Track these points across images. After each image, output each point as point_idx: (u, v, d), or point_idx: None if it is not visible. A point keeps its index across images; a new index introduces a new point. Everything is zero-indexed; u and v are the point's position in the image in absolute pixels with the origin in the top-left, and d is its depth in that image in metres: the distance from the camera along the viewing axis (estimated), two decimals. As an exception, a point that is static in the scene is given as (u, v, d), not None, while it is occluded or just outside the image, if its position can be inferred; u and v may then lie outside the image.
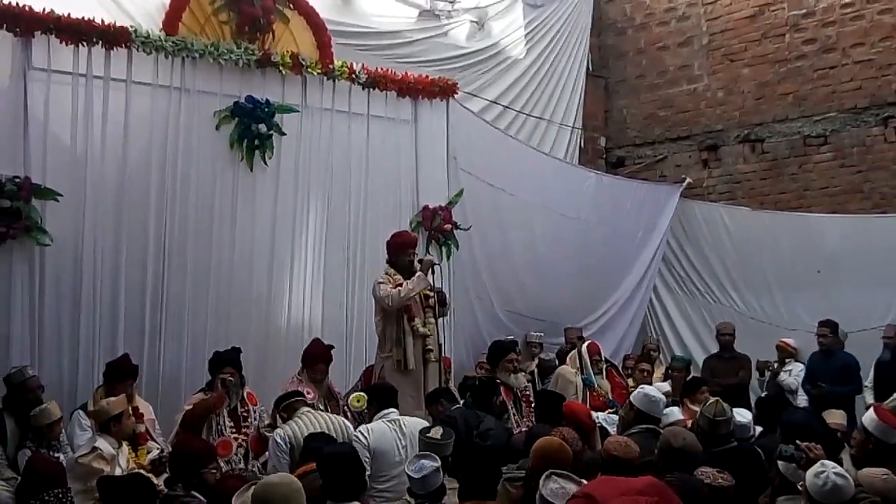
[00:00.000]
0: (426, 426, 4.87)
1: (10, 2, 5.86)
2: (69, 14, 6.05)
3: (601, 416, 6.20)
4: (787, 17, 9.64)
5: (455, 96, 8.09)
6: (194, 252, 6.62)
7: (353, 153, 7.48)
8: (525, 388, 6.64)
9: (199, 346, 6.45)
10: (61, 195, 5.99)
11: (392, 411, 5.07)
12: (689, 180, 10.22)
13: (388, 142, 7.68)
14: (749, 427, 5.14)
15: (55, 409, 5.18)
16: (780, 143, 9.73)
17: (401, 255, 6.30)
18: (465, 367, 7.85)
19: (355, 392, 6.18)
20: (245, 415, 5.59)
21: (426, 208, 7.76)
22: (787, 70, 9.65)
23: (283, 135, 7.04)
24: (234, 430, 5.47)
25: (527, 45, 9.82)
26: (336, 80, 7.31)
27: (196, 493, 4.02)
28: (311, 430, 4.79)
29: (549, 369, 7.85)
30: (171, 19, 6.57)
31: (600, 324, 9.47)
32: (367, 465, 4.65)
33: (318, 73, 7.17)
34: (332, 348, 6.17)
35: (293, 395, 5.25)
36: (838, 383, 7.35)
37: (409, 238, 6.62)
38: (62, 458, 4.94)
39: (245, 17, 6.83)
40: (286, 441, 4.80)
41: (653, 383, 7.16)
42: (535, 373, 8.00)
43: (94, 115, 6.21)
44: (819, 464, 3.67)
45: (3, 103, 5.90)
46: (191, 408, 5.34)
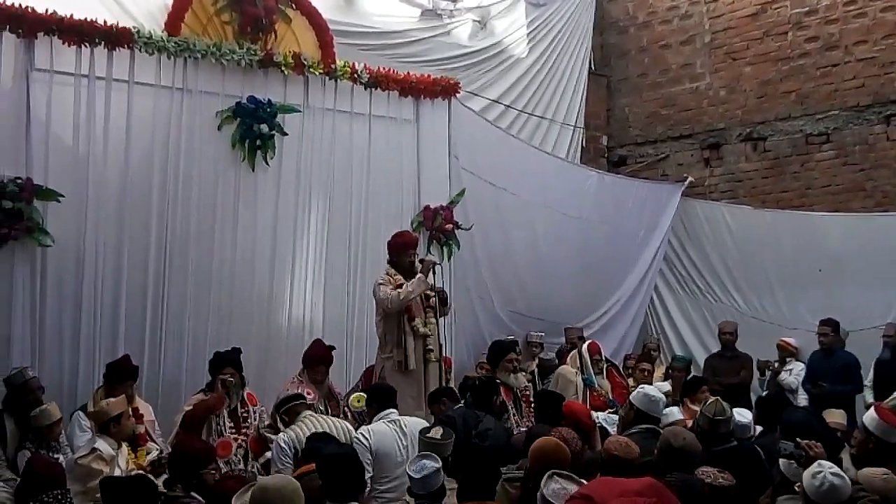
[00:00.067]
0: (426, 426, 4.87)
1: (12, 3, 5.88)
2: (72, 15, 6.07)
3: (601, 416, 6.20)
4: (789, 14, 9.60)
5: (457, 96, 8.08)
6: (196, 252, 6.63)
7: (355, 153, 7.48)
8: (525, 388, 6.64)
9: (199, 346, 6.47)
10: (63, 196, 6.01)
11: (392, 412, 5.07)
12: (690, 179, 10.19)
13: (390, 142, 7.68)
14: (749, 427, 5.14)
15: (55, 410, 5.20)
16: (783, 142, 9.69)
17: (402, 255, 6.31)
18: (465, 367, 7.83)
19: (356, 392, 6.20)
20: (245, 415, 5.60)
21: (427, 208, 7.77)
22: (789, 68, 9.61)
23: (285, 135, 7.05)
24: (233, 430, 5.48)
25: (529, 44, 9.79)
26: (338, 80, 7.32)
27: (195, 494, 4.03)
28: (314, 434, 4.79)
29: (550, 369, 7.85)
30: (174, 20, 6.58)
31: (601, 323, 9.46)
32: (369, 467, 4.66)
33: (320, 73, 7.18)
34: (333, 349, 6.19)
35: (294, 398, 5.25)
36: (839, 382, 7.33)
37: (411, 238, 6.63)
38: (62, 459, 4.95)
39: (247, 18, 6.84)
40: (290, 446, 4.81)
41: (653, 383, 7.15)
42: (536, 373, 8.00)
43: (96, 115, 6.23)
44: (816, 464, 3.68)
45: (6, 104, 5.92)
46: (191, 408, 5.35)
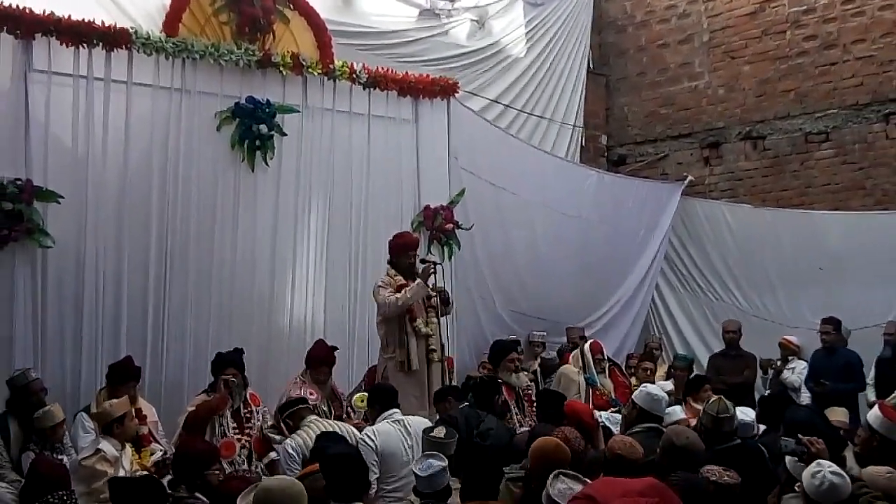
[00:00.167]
0: (429, 425, 4.87)
1: (10, 4, 5.85)
2: (69, 16, 6.05)
3: (604, 416, 6.18)
4: (787, 13, 9.61)
5: (456, 95, 8.07)
6: (196, 253, 6.61)
7: (354, 153, 7.47)
8: (527, 387, 6.63)
9: (201, 347, 6.45)
10: (63, 197, 5.99)
11: (395, 412, 5.07)
12: (690, 178, 10.19)
13: (389, 141, 7.67)
14: (752, 426, 5.14)
15: (58, 411, 5.18)
16: (782, 140, 9.70)
17: (402, 256, 6.31)
18: (467, 367, 7.84)
19: (359, 392, 6.19)
20: (248, 416, 5.59)
21: (427, 208, 7.76)
22: (787, 67, 9.61)
23: (284, 135, 7.03)
24: (237, 431, 5.47)
25: (527, 43, 9.78)
26: (337, 80, 7.30)
27: (199, 495, 4.03)
28: (321, 440, 4.78)
29: (552, 368, 7.83)
30: (172, 20, 6.56)
31: (603, 322, 9.45)
32: (375, 468, 4.67)
33: (318, 74, 7.17)
34: (335, 350, 6.17)
35: (297, 402, 5.24)
36: (841, 381, 7.33)
37: (411, 239, 6.61)
38: (66, 460, 4.94)
39: (245, 18, 6.83)
40: (298, 452, 4.82)
41: (655, 382, 7.14)
42: (538, 372, 7.99)
43: (94, 116, 6.21)
44: (815, 463, 3.67)
45: (4, 105, 5.90)
46: (194, 409, 5.34)
